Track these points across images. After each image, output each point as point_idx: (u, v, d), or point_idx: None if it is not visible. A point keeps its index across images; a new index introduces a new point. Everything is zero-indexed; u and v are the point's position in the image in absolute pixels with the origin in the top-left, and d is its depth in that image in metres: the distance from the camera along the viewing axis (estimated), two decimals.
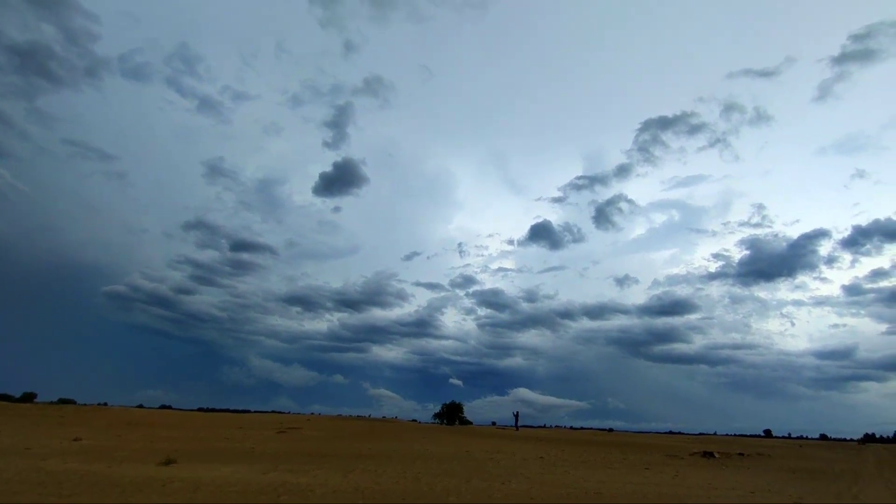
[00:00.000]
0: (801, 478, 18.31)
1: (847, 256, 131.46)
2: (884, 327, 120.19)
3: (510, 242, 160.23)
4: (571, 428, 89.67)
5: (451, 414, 51.01)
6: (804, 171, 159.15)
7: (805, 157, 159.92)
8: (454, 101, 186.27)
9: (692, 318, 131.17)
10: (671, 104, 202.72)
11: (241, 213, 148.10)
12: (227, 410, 77.80)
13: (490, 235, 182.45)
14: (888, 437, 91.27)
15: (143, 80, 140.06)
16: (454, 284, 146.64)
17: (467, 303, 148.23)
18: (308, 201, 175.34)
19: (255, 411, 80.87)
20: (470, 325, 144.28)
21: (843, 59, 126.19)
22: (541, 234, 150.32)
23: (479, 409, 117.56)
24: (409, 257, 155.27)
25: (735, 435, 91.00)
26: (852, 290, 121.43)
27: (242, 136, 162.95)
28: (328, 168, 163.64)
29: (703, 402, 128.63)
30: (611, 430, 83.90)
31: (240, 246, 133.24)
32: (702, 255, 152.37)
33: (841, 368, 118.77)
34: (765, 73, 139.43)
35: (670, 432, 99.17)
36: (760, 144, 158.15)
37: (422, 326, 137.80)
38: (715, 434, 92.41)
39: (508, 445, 27.10)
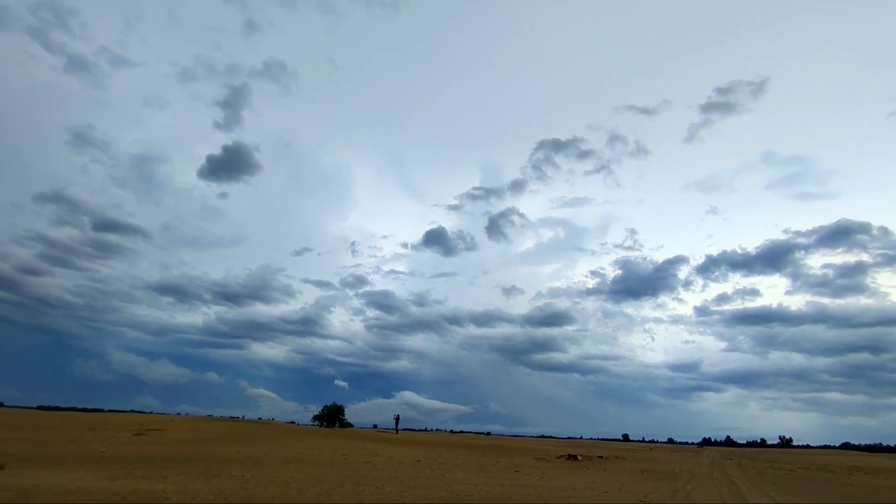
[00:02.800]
0: (648, 478, 20.34)
1: (700, 281, 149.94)
2: (723, 345, 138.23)
3: (404, 245, 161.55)
4: (451, 431, 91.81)
5: (332, 416, 49.80)
6: (671, 203, 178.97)
7: (672, 191, 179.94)
8: (358, 99, 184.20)
9: (569, 329, 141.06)
10: (565, 128, 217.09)
11: (111, 189, 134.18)
12: (77, 409, 69.21)
13: (384, 237, 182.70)
14: (721, 440, 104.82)
15: (1, 27, 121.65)
16: (344, 284, 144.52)
17: (356, 303, 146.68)
18: (191, 184, 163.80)
19: (111, 410, 72.91)
20: (358, 325, 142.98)
21: (708, 107, 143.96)
22: (435, 239, 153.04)
23: (363, 411, 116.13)
24: (298, 252, 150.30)
25: (598, 439, 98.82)
26: (701, 311, 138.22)
27: (119, 104, 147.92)
28: (217, 150, 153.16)
29: (572, 408, 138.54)
30: (488, 433, 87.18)
31: (105, 225, 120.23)
32: (581, 272, 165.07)
33: (688, 380, 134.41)
34: (645, 111, 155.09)
35: (542, 436, 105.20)
36: (638, 175, 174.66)
37: (307, 325, 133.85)
38: (581, 438, 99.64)
39: (387, 449, 27.09)
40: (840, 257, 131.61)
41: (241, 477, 13.59)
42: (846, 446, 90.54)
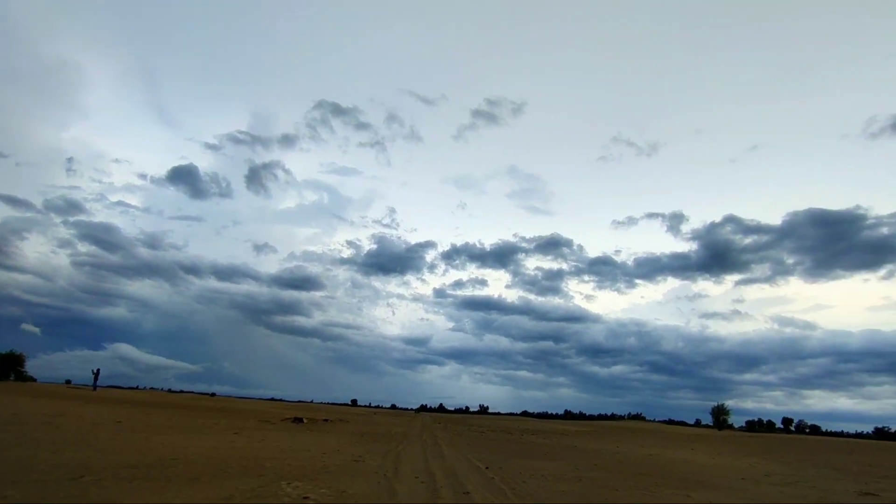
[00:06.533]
0: (366, 440, 21.79)
1: (442, 266, 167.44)
2: (451, 325, 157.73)
3: (142, 176, 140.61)
4: (171, 391, 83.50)
5: (6, 367, 39.94)
6: (431, 191, 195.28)
7: (434, 181, 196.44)
8: None
9: (317, 294, 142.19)
10: (347, 95, 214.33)
11: None
12: None
13: (117, 161, 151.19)
14: (435, 407, 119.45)
15: None
16: (50, 207, 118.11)
17: (64, 233, 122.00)
18: None
19: None
20: (62, 260, 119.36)
21: (477, 113, 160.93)
22: (183, 177, 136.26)
23: (59, 363, 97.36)
24: None
25: (328, 403, 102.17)
26: (439, 293, 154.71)
27: None
28: None
29: (308, 372, 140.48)
30: (213, 394, 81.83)
31: None
32: (338, 241, 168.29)
33: (418, 353, 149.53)
34: (425, 101, 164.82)
35: (273, 399, 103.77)
36: (407, 158, 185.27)
37: None
38: (312, 402, 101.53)
39: (80, 408, 23.03)
40: (548, 263, 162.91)
41: None
42: (525, 413, 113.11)
